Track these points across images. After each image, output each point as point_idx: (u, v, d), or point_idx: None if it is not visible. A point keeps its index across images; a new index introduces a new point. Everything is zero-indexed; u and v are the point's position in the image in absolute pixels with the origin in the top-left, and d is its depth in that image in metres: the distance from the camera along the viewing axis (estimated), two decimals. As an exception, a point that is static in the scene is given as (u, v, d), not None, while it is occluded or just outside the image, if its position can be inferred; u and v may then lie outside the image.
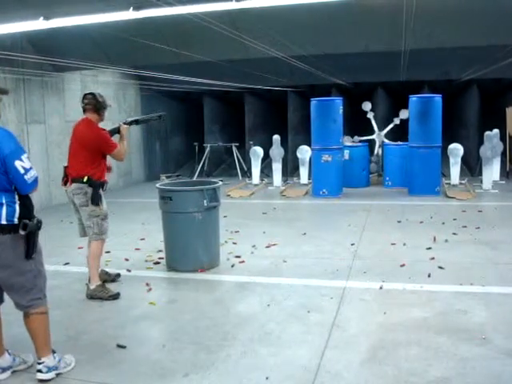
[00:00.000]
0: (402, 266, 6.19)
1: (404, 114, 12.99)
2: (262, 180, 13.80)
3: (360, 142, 13.75)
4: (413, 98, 11.66)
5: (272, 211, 10.19)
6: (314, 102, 11.74)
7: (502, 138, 12.94)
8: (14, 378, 3.80)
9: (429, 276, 5.80)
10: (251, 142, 14.42)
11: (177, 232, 6.20)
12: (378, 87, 14.42)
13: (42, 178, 11.04)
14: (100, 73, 12.86)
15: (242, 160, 15.17)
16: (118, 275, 6.10)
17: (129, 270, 6.37)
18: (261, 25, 9.57)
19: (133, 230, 8.55)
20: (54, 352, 3.77)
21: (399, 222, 8.70)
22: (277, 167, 13.18)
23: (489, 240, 7.33)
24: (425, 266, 6.13)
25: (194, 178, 14.00)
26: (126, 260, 6.79)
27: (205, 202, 5.94)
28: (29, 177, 3.47)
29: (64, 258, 6.97)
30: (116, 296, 5.41)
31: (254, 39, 8.78)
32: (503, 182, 12.86)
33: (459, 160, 12.20)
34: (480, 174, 12.42)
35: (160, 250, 6.80)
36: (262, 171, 13.89)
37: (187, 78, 10.69)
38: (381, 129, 13.73)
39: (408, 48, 9.73)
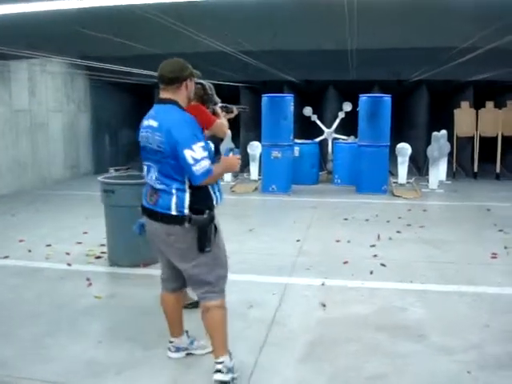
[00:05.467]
0: (345, 263, 6.23)
1: (347, 106, 13.12)
2: (212, 175, 13.67)
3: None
4: (363, 98, 11.74)
5: (220, 206, 10.09)
6: (265, 98, 11.73)
7: (450, 138, 13.21)
8: (186, 359, 3.86)
9: (371, 273, 5.86)
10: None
11: (119, 226, 6.07)
12: (330, 86, 14.49)
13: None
14: (48, 62, 12.56)
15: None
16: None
17: (69, 265, 6.22)
18: (211, 19, 9.48)
19: (76, 224, 8.34)
20: (230, 353, 3.57)
21: (345, 219, 8.75)
22: (227, 163, 13.06)
23: (431, 239, 7.45)
24: (367, 264, 6.19)
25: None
26: (67, 254, 6.62)
27: (148, 195, 5.77)
28: (198, 168, 3.20)
29: (2, 252, 6.74)
30: (196, 304, 4.50)
31: (204, 33, 8.69)
32: (449, 182, 13.11)
33: (407, 159, 12.34)
34: (427, 173, 12.62)
35: (103, 245, 6.66)
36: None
37: (136, 70, 10.52)
38: (329, 127, 13.79)
39: (355, 47, 9.80)
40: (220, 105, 5.15)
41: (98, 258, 6.49)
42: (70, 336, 4.27)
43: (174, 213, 3.30)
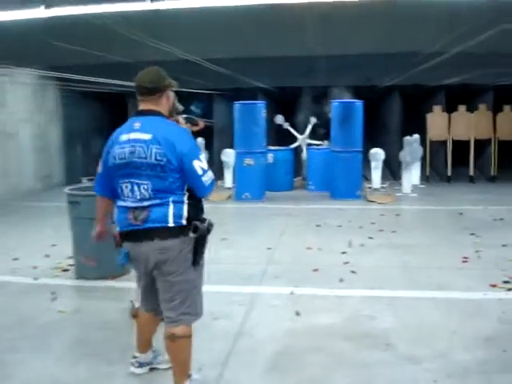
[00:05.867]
0: (315, 270, 6.18)
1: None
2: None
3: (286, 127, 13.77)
4: (334, 103, 11.75)
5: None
6: (237, 105, 11.68)
7: (423, 143, 13.27)
8: (149, 375, 3.77)
9: (341, 281, 5.81)
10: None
11: (85, 239, 5.94)
12: (302, 92, 14.49)
13: None
14: (17, 73, 12.37)
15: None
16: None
17: (35, 278, 6.09)
18: (178, 28, 9.42)
19: (45, 236, 8.17)
20: (190, 376, 3.43)
21: (318, 226, 8.70)
22: (201, 170, 12.96)
23: (403, 244, 7.44)
24: (338, 271, 6.14)
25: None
26: (34, 268, 6.48)
27: (115, 206, 5.67)
28: (206, 178, 3.17)
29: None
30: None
31: (174, 42, 8.62)
32: (423, 185, 13.16)
33: (380, 164, 12.35)
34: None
35: (70, 257, 6.54)
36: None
37: (106, 80, 10.41)
38: (303, 133, 13.79)
39: (325, 53, 9.81)
40: (184, 116, 5.07)
41: (66, 270, 6.36)
42: (31, 352, 4.17)
43: (171, 224, 3.13)
